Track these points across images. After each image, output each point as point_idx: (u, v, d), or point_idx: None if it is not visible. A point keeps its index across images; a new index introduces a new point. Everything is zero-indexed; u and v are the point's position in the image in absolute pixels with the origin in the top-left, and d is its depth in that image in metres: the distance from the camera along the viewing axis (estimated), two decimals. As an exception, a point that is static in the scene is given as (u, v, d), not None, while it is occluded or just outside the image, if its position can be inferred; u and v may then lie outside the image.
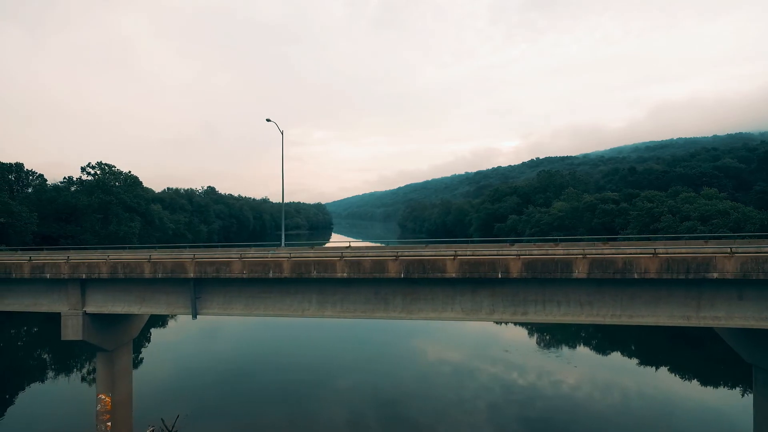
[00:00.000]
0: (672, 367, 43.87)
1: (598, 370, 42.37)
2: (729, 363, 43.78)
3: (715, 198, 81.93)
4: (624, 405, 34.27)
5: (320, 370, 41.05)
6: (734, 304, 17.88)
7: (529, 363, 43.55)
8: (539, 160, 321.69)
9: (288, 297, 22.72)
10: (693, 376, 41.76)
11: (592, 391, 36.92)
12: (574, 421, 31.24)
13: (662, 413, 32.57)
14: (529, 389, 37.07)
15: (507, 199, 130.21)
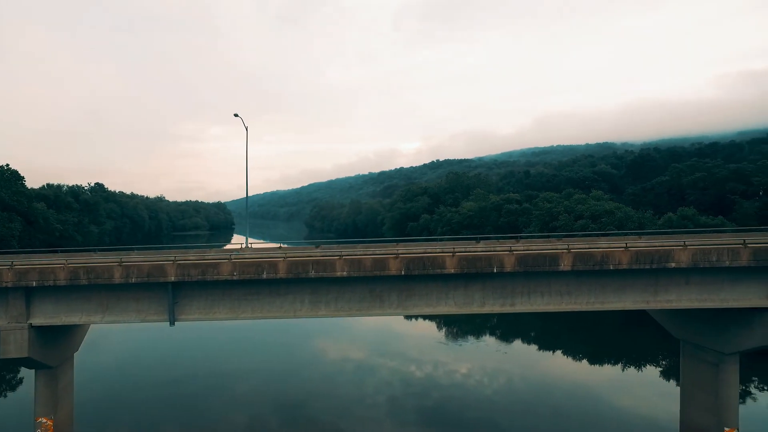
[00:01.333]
0: (565, 350, 49.86)
1: (492, 358, 45.85)
2: (615, 345, 51.13)
3: (602, 199, 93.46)
4: (508, 387, 38.10)
5: (219, 375, 39.88)
6: (683, 289, 21.42)
7: (427, 356, 46.14)
8: (439, 162, 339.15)
9: (278, 298, 22.27)
10: (584, 357, 47.88)
11: (482, 378, 40.26)
12: (467, 407, 34.00)
13: (543, 393, 36.65)
14: (426, 380, 39.36)
15: (418, 199, 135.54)
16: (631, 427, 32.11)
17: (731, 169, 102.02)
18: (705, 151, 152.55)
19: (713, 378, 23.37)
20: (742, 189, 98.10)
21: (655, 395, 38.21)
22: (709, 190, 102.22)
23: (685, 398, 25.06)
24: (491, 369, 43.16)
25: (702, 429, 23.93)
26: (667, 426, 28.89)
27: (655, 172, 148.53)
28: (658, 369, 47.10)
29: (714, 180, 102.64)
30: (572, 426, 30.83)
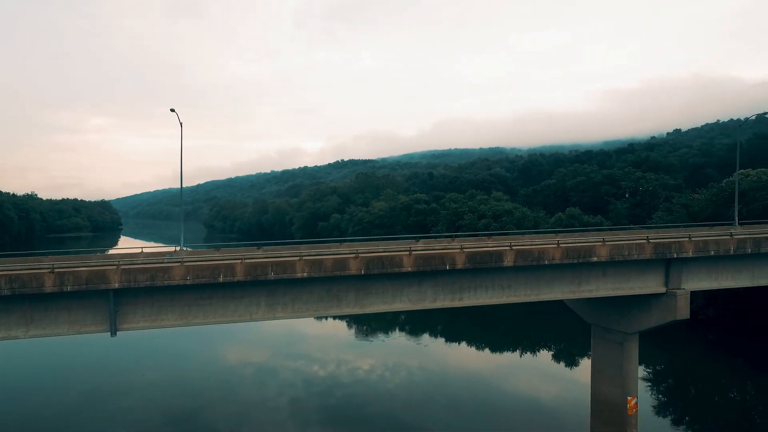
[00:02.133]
0: (470, 342, 54.49)
1: (395, 354, 48.40)
2: (513, 334, 56.80)
3: (501, 200, 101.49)
4: (409, 380, 40.68)
5: (102, 389, 37.92)
6: (601, 280, 24.78)
7: (331, 356, 47.48)
8: (344, 161, 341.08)
9: (233, 302, 21.68)
10: (485, 347, 52.68)
11: (383, 373, 42.49)
12: (368, 402, 35.80)
13: (442, 383, 39.98)
14: (329, 379, 40.65)
15: (328, 198, 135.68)
16: (542, 404, 36.01)
17: (605, 174, 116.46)
18: (582, 158, 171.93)
19: (619, 355, 27.29)
20: (614, 191, 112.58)
21: (565, 375, 43.15)
22: (587, 192, 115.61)
23: (596, 374, 28.86)
24: (393, 364, 45.19)
25: (609, 399, 27.79)
26: (580, 399, 32.99)
27: (542, 175, 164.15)
28: (552, 352, 52.86)
29: (591, 183, 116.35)
30: (468, 411, 33.89)
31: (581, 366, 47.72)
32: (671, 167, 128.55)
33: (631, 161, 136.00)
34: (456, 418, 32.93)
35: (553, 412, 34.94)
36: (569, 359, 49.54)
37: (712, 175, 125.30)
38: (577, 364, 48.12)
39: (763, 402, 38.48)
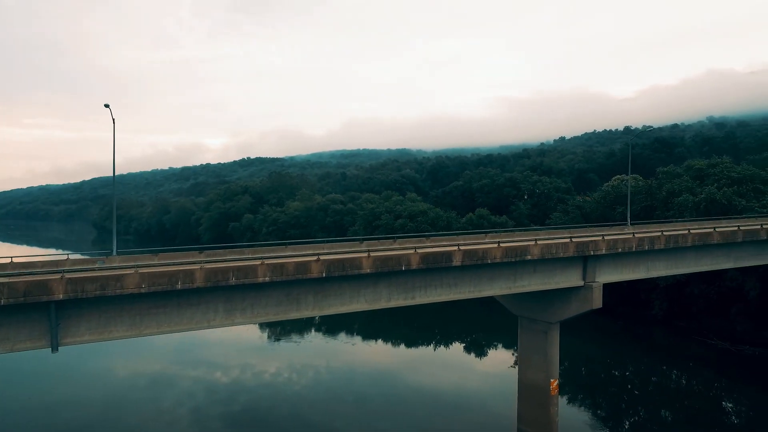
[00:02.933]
0: (385, 339, 56.77)
1: (303, 355, 48.71)
2: (430, 329, 60.32)
3: (416, 201, 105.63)
4: (316, 380, 41.57)
5: None
6: (532, 276, 27.67)
7: (234, 361, 46.40)
8: (251, 159, 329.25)
9: (189, 309, 20.95)
10: (400, 344, 55.46)
11: (290, 375, 42.81)
12: (275, 405, 35.80)
13: (349, 381, 41.66)
14: (233, 385, 39.89)
15: (239, 198, 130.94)
16: (470, 393, 38.97)
17: (506, 178, 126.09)
18: (484, 161, 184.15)
19: (543, 342, 30.59)
20: (515, 193, 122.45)
21: (488, 364, 46.72)
22: (492, 194, 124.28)
23: (522, 361, 32.00)
24: (301, 365, 45.30)
25: (535, 383, 31.01)
26: (509, 384, 36.23)
27: (449, 177, 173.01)
28: (470, 344, 56.94)
29: (495, 186, 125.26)
30: (375, 406, 35.36)
31: (501, 355, 52.07)
32: (561, 171, 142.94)
33: (528, 165, 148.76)
34: (363, 414, 34.12)
35: (481, 399, 37.99)
36: (492, 350, 53.76)
37: (594, 180, 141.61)
38: (499, 354, 52.43)
39: (647, 377, 45.33)
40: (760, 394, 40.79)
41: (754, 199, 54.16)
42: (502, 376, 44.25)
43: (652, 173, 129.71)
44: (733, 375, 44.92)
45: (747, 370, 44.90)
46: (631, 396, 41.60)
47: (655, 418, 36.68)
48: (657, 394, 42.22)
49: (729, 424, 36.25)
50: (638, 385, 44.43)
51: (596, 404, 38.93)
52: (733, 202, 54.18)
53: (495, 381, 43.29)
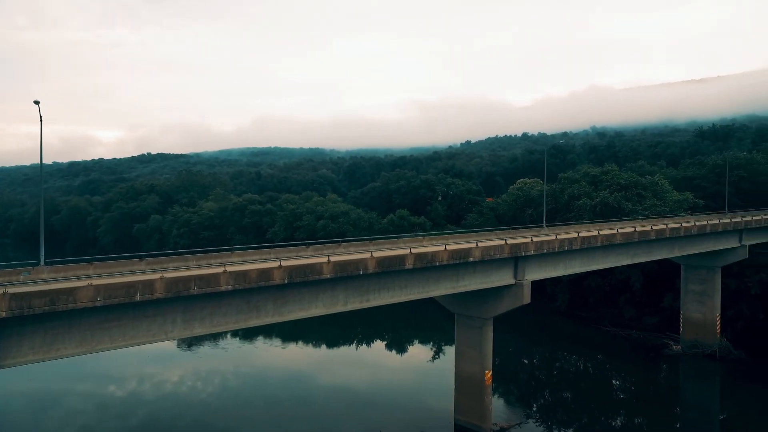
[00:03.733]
0: (307, 341, 56.86)
1: (208, 361, 47.58)
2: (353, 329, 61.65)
3: (337, 202, 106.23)
4: (223, 386, 41.03)
5: None
6: (472, 276, 29.95)
7: (129, 372, 43.79)
8: (151, 155, 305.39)
9: (145, 321, 20.05)
10: (321, 344, 56.24)
11: (195, 383, 41.56)
12: (178, 416, 34.82)
13: (259, 385, 42.05)
14: (130, 399, 37.97)
15: (145, 197, 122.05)
16: (406, 389, 40.88)
17: (422, 179, 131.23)
18: (398, 163, 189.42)
19: (478, 337, 33.16)
20: (430, 195, 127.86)
21: (431, 359, 48.79)
22: (408, 195, 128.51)
23: (459, 354, 34.36)
24: (206, 372, 43.68)
25: (471, 374, 33.49)
26: (444, 379, 38.51)
27: (365, 178, 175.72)
28: (398, 343, 59.14)
29: (411, 187, 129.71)
30: (293, 407, 35.65)
31: (435, 351, 54.78)
32: (471, 174, 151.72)
33: (441, 168, 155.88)
34: (280, 417, 34.12)
35: (418, 395, 40.01)
36: (427, 347, 56.27)
37: (500, 182, 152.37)
38: (433, 350, 55.07)
39: (552, 363, 50.59)
40: (641, 371, 47.67)
41: (638, 203, 62.46)
42: (438, 370, 46.85)
43: (550, 177, 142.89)
44: (621, 356, 51.77)
45: (632, 351, 51.94)
46: (539, 381, 46.36)
47: (559, 399, 41.39)
48: (560, 377, 47.45)
49: (615, 399, 42.15)
50: (545, 370, 49.57)
51: (509, 391, 42.56)
52: (621, 205, 62.03)
53: (431, 376, 45.73)
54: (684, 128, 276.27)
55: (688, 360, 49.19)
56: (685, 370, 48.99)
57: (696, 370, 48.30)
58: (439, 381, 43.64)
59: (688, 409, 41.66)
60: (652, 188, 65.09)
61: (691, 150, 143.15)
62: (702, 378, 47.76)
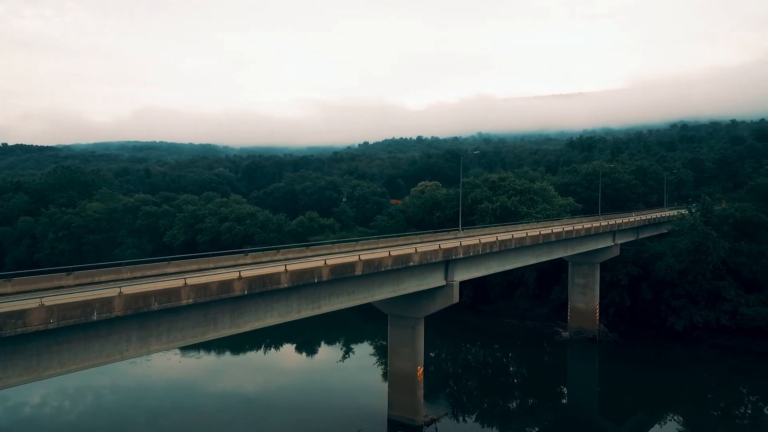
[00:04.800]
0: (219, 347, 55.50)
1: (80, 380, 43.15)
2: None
3: (242, 203, 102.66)
4: (97, 404, 38.31)
5: None
6: (411, 279, 31.89)
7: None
8: (9, 146, 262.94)
9: (97, 341, 18.75)
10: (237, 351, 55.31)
11: (62, 403, 38.38)
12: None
13: (140, 398, 40.05)
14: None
15: (10, 196, 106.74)
16: (341, 390, 41.92)
17: (328, 180, 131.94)
18: (300, 163, 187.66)
19: (411, 335, 35.33)
20: (336, 196, 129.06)
21: (361, 360, 49.77)
22: (314, 196, 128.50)
23: (393, 352, 36.23)
24: (75, 390, 40.22)
25: (404, 372, 35.53)
26: (375, 376, 40.13)
27: (266, 177, 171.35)
28: (331, 346, 59.83)
29: (317, 188, 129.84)
30: (169, 419, 34.77)
31: (364, 352, 56.07)
32: (374, 176, 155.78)
33: (345, 170, 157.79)
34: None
35: (352, 395, 41.17)
36: (358, 349, 57.27)
37: (401, 184, 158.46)
38: (362, 351, 56.21)
39: (457, 355, 55.12)
40: (536, 357, 54.08)
41: (532, 207, 69.99)
42: (366, 370, 48.36)
43: (447, 180, 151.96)
44: (519, 344, 58.03)
45: (528, 339, 58.48)
46: (451, 372, 50.32)
47: (463, 388, 45.53)
48: (464, 367, 51.91)
49: (510, 384, 47.63)
50: (455, 362, 53.81)
51: (427, 384, 45.64)
52: (518, 209, 69.03)
53: (361, 376, 47.12)
54: (555, 138, 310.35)
55: (574, 344, 56.55)
56: (571, 353, 56.28)
57: (580, 352, 55.75)
58: (368, 380, 45.36)
59: (573, 387, 48.44)
60: (541, 194, 73.22)
61: (564, 158, 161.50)
62: (584, 359, 55.31)
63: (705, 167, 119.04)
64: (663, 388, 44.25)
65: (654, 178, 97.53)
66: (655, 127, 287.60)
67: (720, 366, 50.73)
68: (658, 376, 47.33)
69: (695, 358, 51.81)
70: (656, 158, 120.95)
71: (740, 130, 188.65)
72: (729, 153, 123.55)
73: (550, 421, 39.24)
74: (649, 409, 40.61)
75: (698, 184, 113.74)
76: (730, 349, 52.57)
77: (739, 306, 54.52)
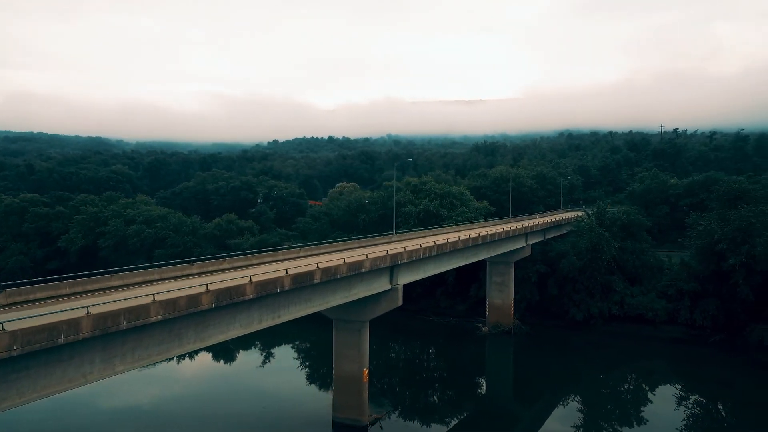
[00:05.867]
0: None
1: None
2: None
3: (150, 203, 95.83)
4: None
5: None
6: (362, 284, 32.87)
7: None
8: None
9: (59, 366, 17.42)
10: None
11: None
12: None
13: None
14: None
15: None
16: (283, 396, 41.74)
17: (243, 180, 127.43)
18: (208, 160, 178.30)
19: (357, 338, 36.34)
20: (252, 197, 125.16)
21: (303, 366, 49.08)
22: (228, 197, 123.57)
23: (338, 356, 36.93)
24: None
25: (350, 374, 36.43)
26: (326, 378, 40.43)
27: (172, 176, 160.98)
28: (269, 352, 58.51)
29: (231, 188, 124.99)
30: None
31: (300, 357, 55.52)
32: (289, 176, 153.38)
33: (259, 169, 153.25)
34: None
35: (295, 400, 41.09)
36: (300, 354, 56.45)
37: (317, 185, 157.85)
38: (300, 356, 55.57)
39: (387, 352, 57.37)
40: (459, 351, 57.99)
41: (452, 210, 74.26)
42: (311, 376, 48.31)
43: (362, 181, 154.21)
44: (443, 340, 61.70)
45: (452, 335, 62.35)
46: (381, 371, 52.19)
47: (388, 385, 47.78)
48: (395, 365, 54.27)
49: (439, 378, 50.90)
50: (383, 361, 55.78)
51: None
52: (439, 212, 72.85)
53: (307, 381, 47.07)
54: (460, 141, 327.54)
55: (492, 338, 61.32)
56: (489, 346, 61.00)
57: (497, 345, 60.65)
58: (311, 384, 45.67)
59: (490, 376, 53.08)
60: (459, 197, 77.91)
61: (472, 162, 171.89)
62: (501, 351, 60.28)
63: (591, 173, 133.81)
64: (566, 372, 50.21)
65: (552, 182, 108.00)
66: (546, 134, 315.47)
67: (611, 350, 58.14)
68: (562, 361, 53.44)
69: (592, 344, 58.93)
70: (552, 164, 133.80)
71: (616, 139, 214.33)
72: (609, 161, 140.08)
73: (473, 410, 42.45)
74: (554, 390, 45.98)
75: (586, 188, 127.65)
76: (619, 334, 60.44)
77: (625, 297, 62.86)
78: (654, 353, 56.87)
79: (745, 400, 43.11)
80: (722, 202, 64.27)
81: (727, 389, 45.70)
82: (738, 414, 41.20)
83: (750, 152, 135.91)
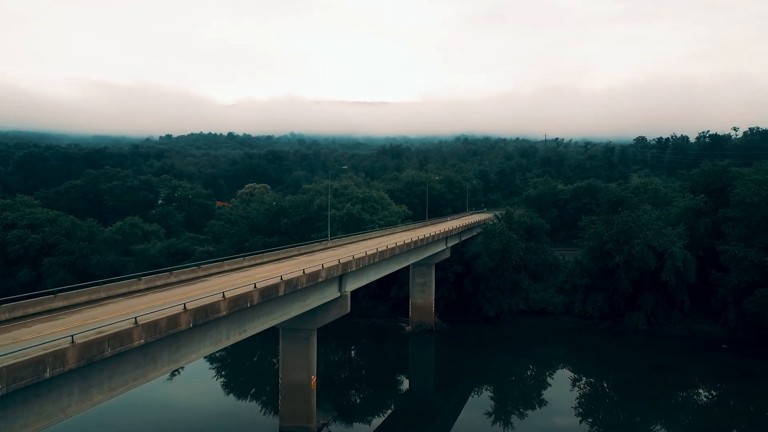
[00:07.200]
0: None
1: None
2: None
3: (34, 205, 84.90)
4: None
5: None
6: (317, 293, 33.22)
7: None
8: None
9: (37, 401, 15.94)
10: None
11: None
12: None
13: None
14: None
15: None
16: (228, 409, 40.53)
17: (142, 180, 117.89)
18: (95, 156, 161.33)
19: (305, 347, 36.57)
20: (152, 197, 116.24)
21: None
22: (125, 198, 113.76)
23: (285, 365, 36.77)
24: None
25: (298, 382, 36.48)
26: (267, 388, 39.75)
27: (51, 172, 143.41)
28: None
29: (128, 188, 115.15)
30: None
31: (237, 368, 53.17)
32: (192, 175, 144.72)
33: (159, 167, 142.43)
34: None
35: (239, 412, 39.97)
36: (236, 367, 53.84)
37: (223, 185, 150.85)
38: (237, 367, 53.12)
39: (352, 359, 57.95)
40: (384, 350, 60.29)
41: (374, 214, 76.36)
42: (256, 385, 46.75)
43: (270, 181, 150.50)
44: (370, 341, 63.49)
45: (378, 336, 64.35)
46: (340, 374, 52.88)
47: (325, 389, 48.75)
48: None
49: (367, 376, 52.86)
50: (346, 365, 56.45)
51: None
52: (362, 216, 74.53)
53: (251, 391, 45.55)
54: (364, 142, 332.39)
55: (416, 337, 64.45)
56: (413, 344, 64.05)
57: (420, 343, 63.92)
58: (256, 394, 44.58)
59: (413, 371, 56.09)
60: (380, 201, 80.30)
61: (380, 165, 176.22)
62: (424, 348, 63.65)
63: (490, 178, 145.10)
64: (480, 363, 54.89)
65: (458, 186, 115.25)
66: (444, 138, 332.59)
67: (518, 342, 64.33)
68: (478, 355, 58.15)
69: (503, 337, 64.67)
70: (455, 169, 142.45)
71: (508, 146, 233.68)
72: (505, 167, 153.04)
73: (399, 405, 44.54)
74: (469, 381, 50.18)
75: (485, 192, 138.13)
76: (526, 327, 67.03)
77: (530, 293, 69.95)
78: (554, 342, 64.04)
79: (624, 378, 50.74)
80: (606, 207, 74.08)
81: (612, 369, 53.36)
82: (619, 389, 48.62)
83: (616, 162, 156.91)
